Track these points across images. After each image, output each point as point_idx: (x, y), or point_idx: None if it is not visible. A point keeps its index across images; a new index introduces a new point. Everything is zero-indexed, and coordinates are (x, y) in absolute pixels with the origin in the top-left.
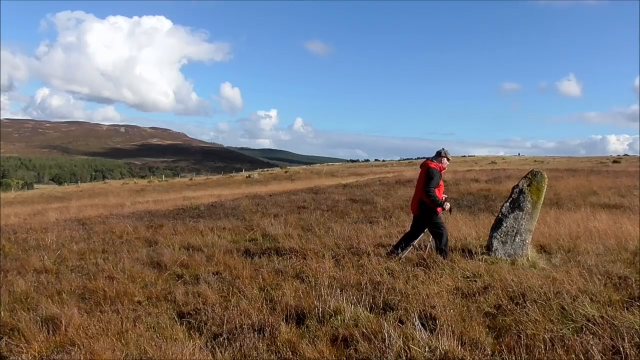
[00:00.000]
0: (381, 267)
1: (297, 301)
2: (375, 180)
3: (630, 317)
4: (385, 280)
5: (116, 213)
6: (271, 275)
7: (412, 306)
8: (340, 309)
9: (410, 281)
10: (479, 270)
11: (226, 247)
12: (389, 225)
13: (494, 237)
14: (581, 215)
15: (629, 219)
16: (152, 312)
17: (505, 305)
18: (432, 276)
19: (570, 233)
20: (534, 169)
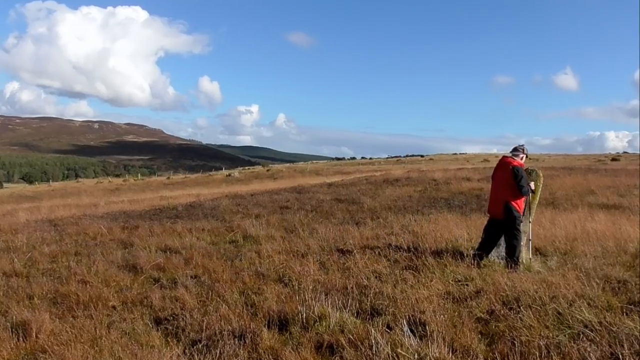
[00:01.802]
0: (368, 270)
1: (280, 306)
2: (361, 179)
3: (629, 323)
4: (373, 284)
5: (90, 213)
6: (252, 279)
7: (401, 311)
8: (325, 314)
9: (398, 285)
10: (471, 273)
11: (205, 249)
12: (376, 226)
13: None
14: (578, 216)
15: (628, 220)
16: (127, 317)
17: (498, 310)
18: (421, 280)
19: (567, 235)
20: (528, 167)
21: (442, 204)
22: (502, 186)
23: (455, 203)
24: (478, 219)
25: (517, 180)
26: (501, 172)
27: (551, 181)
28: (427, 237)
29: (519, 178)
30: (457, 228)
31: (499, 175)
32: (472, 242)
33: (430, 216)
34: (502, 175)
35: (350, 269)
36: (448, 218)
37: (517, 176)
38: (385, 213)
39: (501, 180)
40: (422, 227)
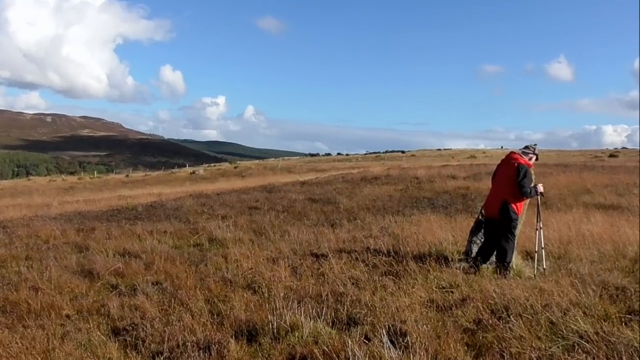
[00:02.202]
0: (344, 276)
1: (249, 315)
2: (337, 177)
3: (629, 334)
4: (350, 291)
5: (42, 214)
6: (219, 286)
7: (380, 321)
8: (298, 324)
9: (377, 292)
10: (456, 279)
11: (167, 254)
12: (353, 228)
13: (473, 242)
14: (573, 217)
15: (627, 222)
16: (82, 327)
17: (486, 319)
18: (402, 287)
19: (561, 237)
20: None
21: (425, 204)
22: (503, 184)
23: (439, 203)
24: (464, 221)
25: (520, 180)
26: (505, 168)
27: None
28: (408, 240)
29: (521, 177)
30: (442, 230)
31: (502, 172)
32: (457, 245)
33: (412, 217)
34: (505, 172)
35: (325, 274)
36: (431, 219)
37: (520, 175)
38: (363, 214)
39: (503, 177)
40: (404, 229)
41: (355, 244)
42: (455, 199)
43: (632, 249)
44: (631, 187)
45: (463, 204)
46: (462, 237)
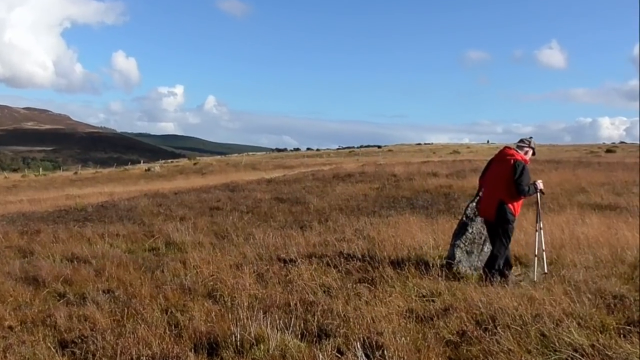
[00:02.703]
0: (315, 283)
1: (209, 326)
2: (307, 175)
3: (627, 347)
4: (320, 300)
5: None
6: (177, 294)
7: (354, 332)
8: (264, 336)
9: (351, 301)
10: (438, 287)
11: (120, 259)
12: (324, 230)
13: (456, 245)
14: (566, 219)
15: (626, 223)
16: (26, 339)
17: (470, 331)
18: (378, 295)
19: (553, 241)
20: None
21: (403, 204)
22: (497, 182)
23: (419, 203)
24: (446, 222)
25: (516, 177)
26: (498, 165)
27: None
28: (385, 244)
29: (518, 174)
30: (422, 233)
31: (495, 168)
32: (439, 249)
33: (390, 219)
34: (498, 169)
35: (294, 282)
36: (410, 221)
37: (517, 172)
38: (336, 215)
39: (497, 174)
40: (380, 232)
41: (327, 248)
42: (437, 198)
43: (632, 253)
44: (630, 186)
45: (445, 204)
46: (445, 240)
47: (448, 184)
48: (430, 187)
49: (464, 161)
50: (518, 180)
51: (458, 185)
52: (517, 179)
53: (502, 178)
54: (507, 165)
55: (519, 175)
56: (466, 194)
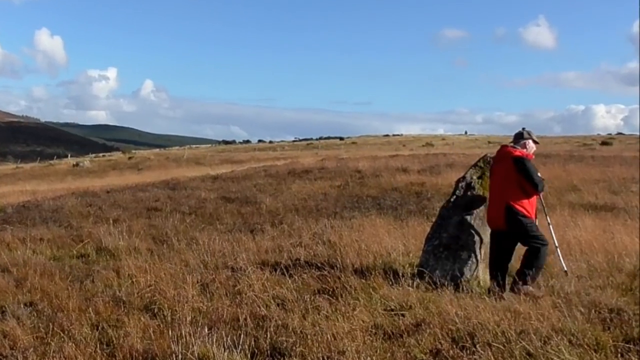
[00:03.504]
0: (267, 295)
1: (147, 344)
2: (258, 170)
3: None
4: (274, 315)
5: None
6: (109, 307)
7: (312, 351)
8: (209, 355)
9: (309, 315)
10: (409, 299)
11: (44, 267)
12: (278, 234)
13: (430, 252)
14: (556, 221)
15: (624, 226)
16: None
17: (446, 350)
18: (340, 308)
19: None
20: (487, 154)
21: (369, 204)
22: (501, 185)
23: (386, 203)
24: (418, 226)
25: (524, 174)
26: (499, 166)
27: None
28: (348, 250)
29: (524, 171)
30: (390, 238)
31: (497, 170)
32: (410, 256)
33: (353, 221)
34: (499, 170)
35: (243, 293)
36: (377, 224)
37: (522, 169)
38: (291, 217)
39: (500, 177)
40: (342, 236)
41: (281, 255)
42: (407, 197)
43: (630, 260)
44: (629, 183)
45: (417, 205)
46: (416, 245)
47: (420, 181)
48: (399, 185)
49: (438, 155)
50: (527, 176)
51: (431, 182)
52: (527, 176)
53: (505, 179)
54: (507, 163)
55: (525, 170)
56: (441, 193)
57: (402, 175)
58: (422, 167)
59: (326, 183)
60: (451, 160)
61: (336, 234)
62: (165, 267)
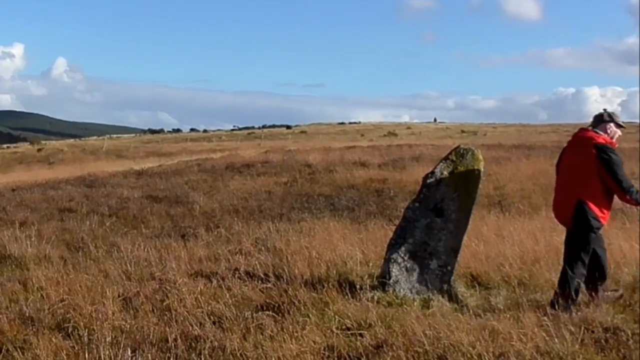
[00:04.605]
0: (201, 311)
1: None
2: (191, 165)
3: None
4: (209, 335)
5: None
6: (15, 326)
7: None
8: None
9: (250, 336)
10: (368, 316)
11: None
12: (214, 240)
13: (393, 260)
14: (541, 224)
15: (621, 230)
16: None
17: None
18: (287, 327)
19: (523, 254)
20: (460, 145)
21: (321, 204)
22: (573, 176)
23: (342, 203)
24: (379, 230)
25: (607, 167)
26: (574, 152)
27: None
28: (296, 259)
29: (608, 163)
30: (346, 244)
31: (571, 158)
32: (369, 266)
33: (303, 224)
34: (573, 158)
35: (173, 309)
36: (331, 227)
37: (607, 161)
38: (229, 219)
39: (572, 165)
40: (290, 242)
41: (218, 264)
42: (367, 196)
43: (629, 270)
44: None
45: (378, 205)
46: (377, 253)
47: (381, 177)
48: (357, 182)
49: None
50: (613, 172)
51: (395, 178)
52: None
53: (581, 170)
54: (587, 152)
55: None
56: (405, 191)
57: (361, 170)
58: (383, 161)
59: (270, 179)
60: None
61: (282, 240)
62: (81, 278)
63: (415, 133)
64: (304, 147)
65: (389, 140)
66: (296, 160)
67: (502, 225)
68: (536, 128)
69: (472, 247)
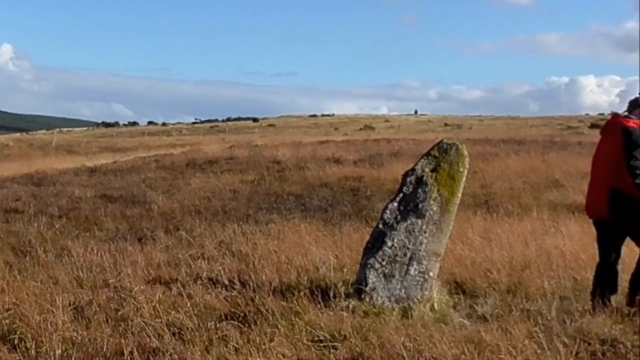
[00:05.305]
0: (160, 321)
1: None
2: (149, 161)
3: None
4: (169, 347)
5: None
6: None
7: None
8: None
9: (213, 348)
10: (342, 327)
11: None
12: (174, 243)
13: (369, 265)
14: (532, 226)
15: None
16: None
17: None
18: (254, 339)
19: (512, 259)
20: (443, 139)
21: (291, 204)
22: (605, 164)
23: (314, 203)
24: (355, 232)
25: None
26: (605, 140)
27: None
28: (264, 264)
29: (627, 145)
30: (318, 248)
31: (603, 146)
32: (343, 272)
33: (271, 226)
34: (605, 146)
35: (129, 319)
36: (302, 229)
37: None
38: (191, 221)
39: (603, 154)
40: (257, 245)
41: (178, 270)
42: (341, 196)
43: (628, 278)
44: None
45: (353, 205)
46: (352, 258)
47: (357, 174)
48: (330, 180)
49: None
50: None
51: (372, 176)
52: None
53: (611, 156)
54: (615, 137)
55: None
56: (383, 190)
57: (334, 167)
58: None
59: (236, 177)
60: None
61: (249, 243)
62: (28, 285)
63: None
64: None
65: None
66: (264, 156)
67: (489, 228)
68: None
69: (457, 251)
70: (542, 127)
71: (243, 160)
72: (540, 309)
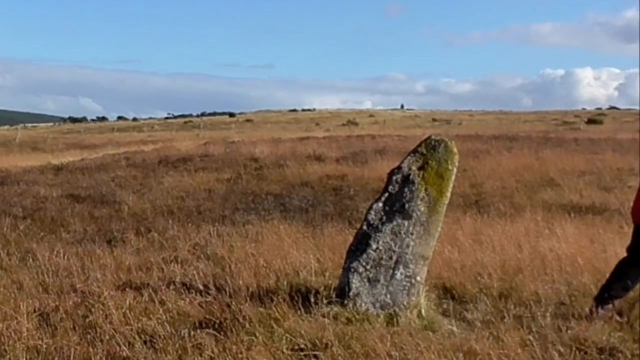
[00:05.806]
0: (131, 329)
1: None
2: (119, 159)
3: None
4: (140, 356)
5: None
6: None
7: None
8: None
9: (188, 357)
10: (324, 335)
11: None
12: (146, 246)
13: (353, 269)
14: (525, 228)
15: (618, 235)
16: None
17: None
18: (230, 347)
19: (504, 262)
20: (431, 135)
21: (269, 204)
22: None
23: (294, 203)
24: (338, 234)
25: None
26: None
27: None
28: (241, 268)
29: None
30: (299, 250)
31: None
32: (325, 276)
33: (248, 228)
34: None
35: (98, 326)
36: (281, 231)
37: None
38: (163, 222)
39: None
40: (233, 248)
41: (150, 275)
42: (323, 195)
43: None
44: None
45: (335, 205)
46: (335, 262)
47: (340, 172)
48: (311, 179)
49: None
50: None
51: (355, 175)
52: None
53: None
54: None
55: None
56: (368, 189)
57: (315, 165)
58: (342, 154)
59: (211, 176)
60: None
61: (225, 246)
62: None
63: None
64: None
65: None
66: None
67: (480, 229)
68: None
69: (445, 255)
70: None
71: (219, 157)
72: (534, 315)
